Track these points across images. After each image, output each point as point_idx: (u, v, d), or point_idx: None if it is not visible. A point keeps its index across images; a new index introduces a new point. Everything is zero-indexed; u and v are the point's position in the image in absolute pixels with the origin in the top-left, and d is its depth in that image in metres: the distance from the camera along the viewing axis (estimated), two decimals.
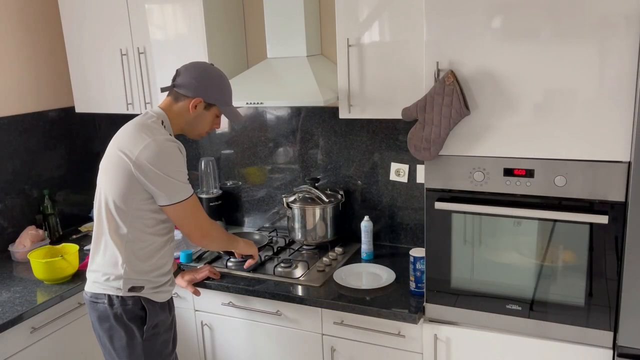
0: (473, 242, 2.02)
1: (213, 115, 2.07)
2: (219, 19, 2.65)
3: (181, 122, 2.04)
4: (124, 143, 1.92)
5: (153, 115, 1.99)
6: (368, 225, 2.63)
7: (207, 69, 2.02)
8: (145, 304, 1.98)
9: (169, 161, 1.90)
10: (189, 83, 1.98)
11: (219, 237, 2.14)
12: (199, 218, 2.01)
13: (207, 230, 2.03)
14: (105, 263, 1.97)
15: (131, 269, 1.96)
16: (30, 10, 2.96)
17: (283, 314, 2.38)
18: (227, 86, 2.07)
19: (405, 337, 2.18)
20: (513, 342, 2.03)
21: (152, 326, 2.00)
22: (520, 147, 1.88)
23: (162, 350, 2.06)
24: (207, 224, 2.04)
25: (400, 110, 2.06)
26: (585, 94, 1.75)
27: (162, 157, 1.88)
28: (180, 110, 2.02)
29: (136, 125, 1.95)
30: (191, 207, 1.98)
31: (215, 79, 2.02)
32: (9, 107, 2.88)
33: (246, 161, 3.06)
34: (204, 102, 2.01)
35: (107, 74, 2.88)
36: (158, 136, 1.90)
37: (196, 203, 2.01)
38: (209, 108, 2.04)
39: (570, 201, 1.85)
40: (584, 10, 1.70)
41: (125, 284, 1.95)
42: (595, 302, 1.88)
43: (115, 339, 1.99)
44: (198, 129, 2.08)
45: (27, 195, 2.97)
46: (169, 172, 1.89)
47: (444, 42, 1.89)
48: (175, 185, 1.91)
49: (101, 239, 1.99)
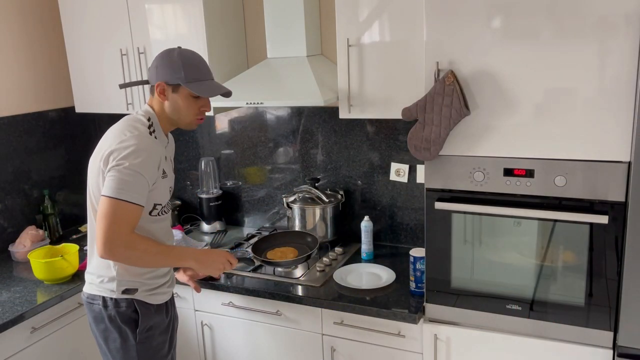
0: (473, 242, 2.02)
1: (187, 97, 1.92)
2: (219, 19, 2.65)
3: (165, 114, 1.96)
4: (104, 141, 1.89)
5: (139, 114, 1.95)
6: (368, 225, 2.63)
7: (167, 52, 1.92)
8: (139, 307, 1.96)
9: (136, 159, 1.79)
10: (151, 72, 1.94)
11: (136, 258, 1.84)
12: (118, 229, 1.76)
13: (112, 247, 1.76)
14: (99, 265, 1.96)
15: (124, 270, 1.94)
16: (30, 10, 2.96)
17: (283, 314, 2.38)
18: (190, 62, 1.90)
19: (405, 337, 2.18)
20: (513, 342, 2.03)
21: (146, 329, 1.99)
22: (520, 147, 1.88)
23: (157, 353, 2.04)
24: (121, 241, 1.77)
25: (400, 110, 2.06)
26: (585, 94, 1.75)
27: (132, 153, 1.79)
28: (158, 103, 1.95)
29: (120, 123, 1.93)
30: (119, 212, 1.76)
31: (173, 59, 1.89)
32: (9, 107, 2.88)
33: (246, 161, 3.06)
34: (166, 84, 1.90)
35: (107, 74, 2.88)
36: (135, 132, 1.85)
37: (129, 213, 1.78)
38: (176, 90, 1.91)
39: (570, 201, 1.85)
40: (584, 10, 1.70)
41: (118, 285, 1.94)
42: (595, 302, 1.88)
43: (110, 340, 1.98)
44: (182, 116, 1.95)
45: (27, 195, 2.97)
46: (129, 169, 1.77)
47: (443, 42, 1.89)
48: (124, 183, 1.77)
49: (94, 241, 1.95)
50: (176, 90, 1.91)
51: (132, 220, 1.80)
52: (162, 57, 1.92)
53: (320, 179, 2.87)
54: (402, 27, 2.19)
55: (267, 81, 2.52)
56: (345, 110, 2.36)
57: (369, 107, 2.32)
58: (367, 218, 2.65)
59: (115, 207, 1.77)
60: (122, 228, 1.78)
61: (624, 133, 1.73)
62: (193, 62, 1.91)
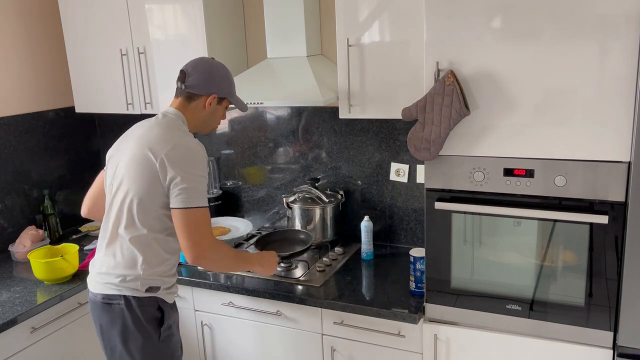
0: (473, 242, 2.02)
1: (224, 108, 2.11)
2: (219, 19, 2.65)
3: (196, 121, 2.05)
4: (152, 142, 1.91)
5: (173, 117, 2.00)
6: (368, 225, 2.63)
7: (213, 64, 2.04)
8: (162, 305, 1.99)
9: (196, 165, 1.90)
10: (201, 81, 2.00)
11: (220, 261, 2.00)
12: (202, 234, 1.89)
13: (204, 252, 1.90)
14: (121, 264, 1.95)
15: (150, 269, 1.95)
16: (30, 10, 2.96)
17: (283, 314, 2.38)
18: (231, 77, 2.11)
19: (405, 337, 2.18)
20: (513, 342, 2.03)
21: (168, 327, 2.01)
22: (520, 147, 1.88)
23: (176, 351, 2.07)
24: (207, 244, 1.91)
25: (400, 110, 2.06)
26: (585, 94, 1.75)
27: (190, 159, 1.89)
28: (195, 110, 2.03)
29: (161, 124, 1.96)
30: (199, 218, 1.89)
31: (222, 73, 2.05)
32: (9, 107, 2.88)
33: (246, 161, 3.06)
34: (217, 97, 2.04)
35: (107, 74, 2.88)
36: (188, 138, 1.94)
37: (206, 216, 1.92)
38: (220, 102, 2.07)
39: (570, 201, 1.85)
40: (584, 10, 1.70)
41: (142, 284, 1.94)
42: (595, 302, 1.88)
43: (131, 340, 1.96)
44: (212, 124, 2.12)
45: (27, 195, 2.97)
46: (194, 176, 1.88)
47: (444, 42, 1.89)
48: (194, 191, 1.88)
49: (116, 240, 1.96)
50: (220, 102, 2.07)
51: (210, 223, 1.94)
52: (212, 69, 2.02)
53: (320, 179, 2.88)
54: (402, 27, 2.19)
55: (267, 81, 2.52)
56: (345, 110, 2.36)
57: (369, 107, 2.32)
58: (367, 218, 2.65)
59: (195, 216, 1.88)
60: (207, 233, 1.91)
61: (624, 133, 1.73)
62: (232, 77, 2.10)
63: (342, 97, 2.35)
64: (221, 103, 2.08)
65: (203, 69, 2.01)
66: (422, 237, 2.71)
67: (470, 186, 1.97)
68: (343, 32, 2.28)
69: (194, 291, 2.55)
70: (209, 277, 2.49)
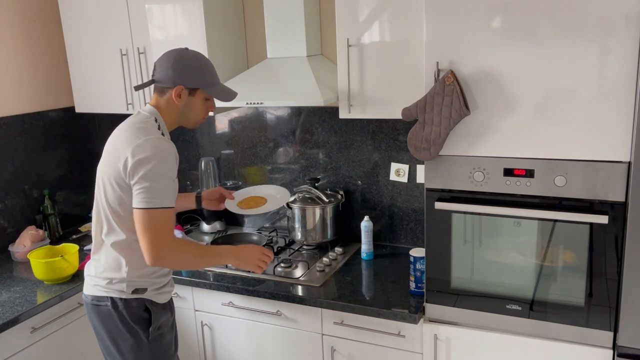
0: (473, 242, 2.02)
1: (202, 99, 1.98)
2: (219, 19, 2.65)
3: (173, 115, 1.98)
4: (118, 143, 1.89)
5: (146, 114, 1.95)
6: (368, 225, 2.63)
7: (181, 54, 1.94)
8: (149, 306, 1.98)
9: (159, 164, 1.82)
10: (166, 73, 1.92)
11: (181, 262, 1.93)
12: (161, 235, 1.82)
13: (162, 253, 1.83)
14: (107, 267, 1.96)
15: (135, 271, 1.95)
16: (30, 10, 2.96)
17: (283, 314, 2.38)
18: (205, 66, 1.96)
19: (405, 337, 2.18)
20: (513, 342, 2.03)
21: (157, 327, 2.00)
22: (520, 147, 1.88)
23: (167, 350, 2.06)
24: (166, 246, 1.83)
25: (400, 110, 2.06)
26: (585, 94, 1.75)
27: (152, 158, 1.81)
28: (167, 104, 1.95)
29: (130, 125, 1.92)
30: (158, 219, 1.81)
31: (190, 62, 1.93)
32: (9, 107, 2.88)
33: (246, 161, 3.06)
34: (185, 88, 1.93)
35: (107, 74, 2.88)
36: (152, 136, 1.86)
37: (167, 217, 1.84)
38: (193, 93, 1.95)
39: (570, 201, 1.85)
40: (584, 10, 1.70)
41: (128, 286, 1.94)
42: (595, 302, 1.88)
43: (121, 341, 1.97)
44: (192, 117, 2.00)
45: (27, 195, 2.97)
46: (155, 176, 1.81)
47: (444, 42, 1.89)
48: (155, 191, 1.81)
49: (102, 244, 1.97)
50: (193, 93, 1.95)
51: (171, 224, 1.86)
52: (177, 60, 1.92)
53: (320, 179, 2.87)
54: (402, 27, 2.19)
55: (267, 81, 2.52)
56: (345, 110, 2.36)
57: (369, 107, 2.32)
58: (367, 218, 2.65)
59: (153, 217, 1.81)
60: (165, 234, 1.84)
61: (624, 133, 1.73)
62: (208, 66, 1.97)
63: (342, 97, 2.35)
64: (194, 94, 1.95)
65: (168, 60, 1.93)
66: (422, 237, 2.71)
67: (470, 186, 1.97)
68: (343, 32, 2.28)
69: (194, 291, 2.55)
70: (209, 277, 2.49)
